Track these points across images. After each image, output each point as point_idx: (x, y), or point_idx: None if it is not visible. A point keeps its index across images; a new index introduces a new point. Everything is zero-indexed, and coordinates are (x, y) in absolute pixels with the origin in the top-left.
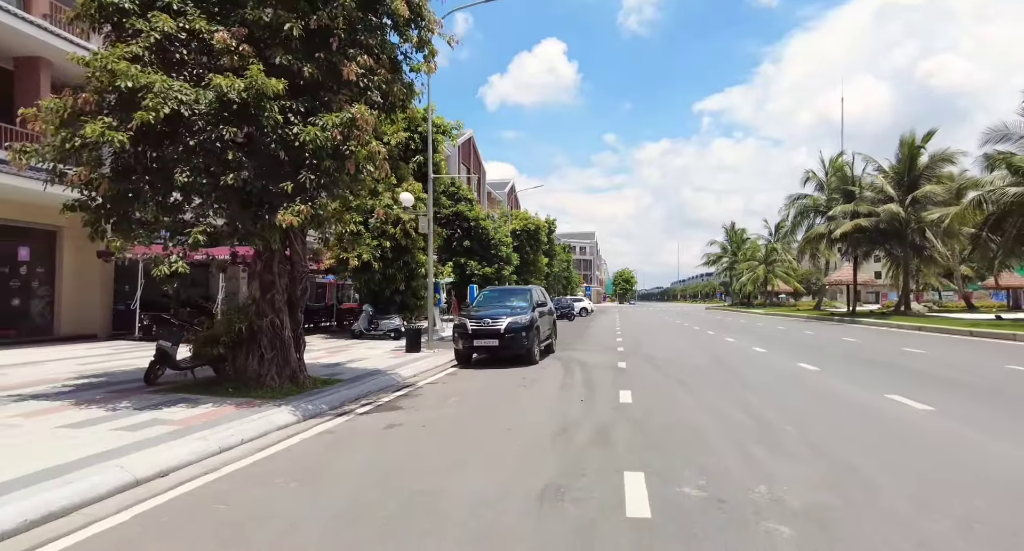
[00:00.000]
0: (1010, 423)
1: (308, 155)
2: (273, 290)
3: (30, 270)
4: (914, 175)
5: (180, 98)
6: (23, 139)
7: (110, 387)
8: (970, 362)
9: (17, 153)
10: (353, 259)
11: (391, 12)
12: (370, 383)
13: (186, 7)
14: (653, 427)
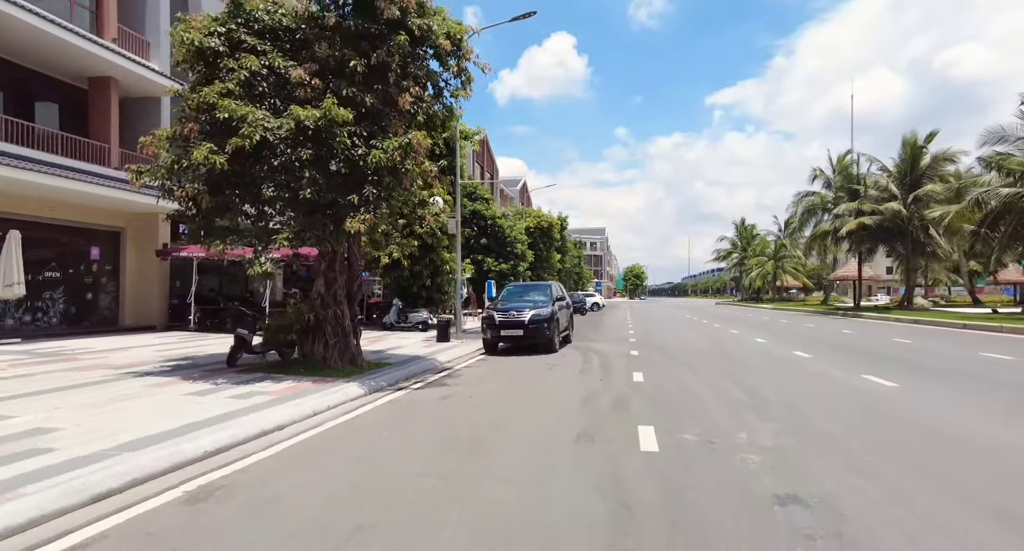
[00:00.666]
0: (956, 396)
1: (370, 172)
2: (335, 286)
3: (100, 268)
4: (916, 174)
5: (267, 126)
6: (96, 151)
7: (201, 368)
8: (948, 350)
9: (134, 172)
10: (384, 257)
11: (435, 46)
12: (415, 366)
13: (265, 47)
14: (661, 398)
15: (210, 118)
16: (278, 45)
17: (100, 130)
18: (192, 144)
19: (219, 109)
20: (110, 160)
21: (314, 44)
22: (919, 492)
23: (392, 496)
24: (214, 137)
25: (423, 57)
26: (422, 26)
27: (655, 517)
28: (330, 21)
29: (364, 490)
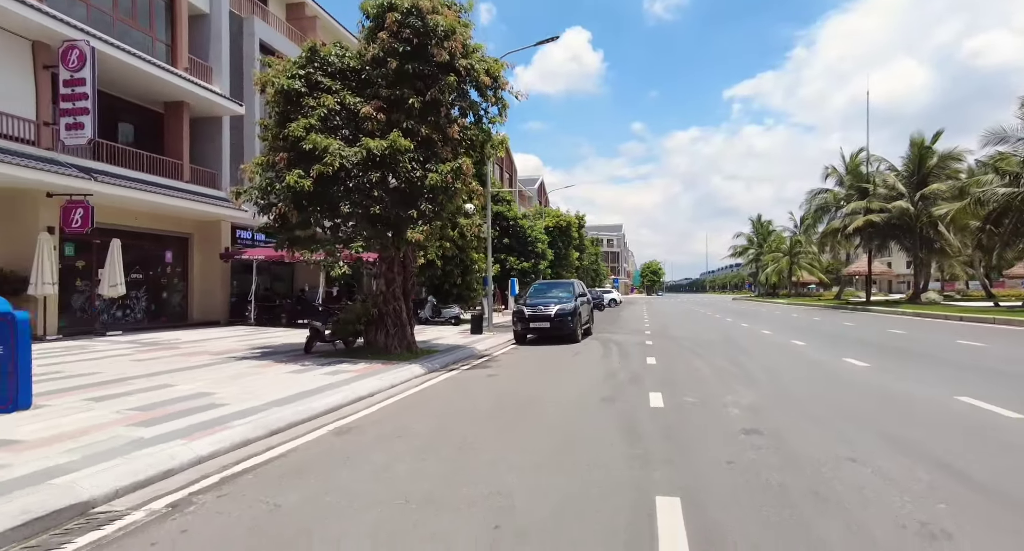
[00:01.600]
0: (917, 373)
1: (426, 191)
2: (394, 285)
3: (172, 270)
4: (923, 173)
5: (343, 155)
6: (170, 167)
7: (284, 354)
8: (930, 339)
9: (234, 193)
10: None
11: (477, 81)
12: (459, 353)
13: (337, 86)
14: (669, 374)
15: (296, 148)
16: (347, 84)
17: (174, 148)
18: (281, 170)
19: (306, 141)
20: (183, 174)
21: (378, 83)
22: (840, 427)
23: (476, 430)
24: (300, 164)
25: (467, 92)
26: (467, 65)
27: (655, 438)
28: (392, 65)
29: (454, 427)
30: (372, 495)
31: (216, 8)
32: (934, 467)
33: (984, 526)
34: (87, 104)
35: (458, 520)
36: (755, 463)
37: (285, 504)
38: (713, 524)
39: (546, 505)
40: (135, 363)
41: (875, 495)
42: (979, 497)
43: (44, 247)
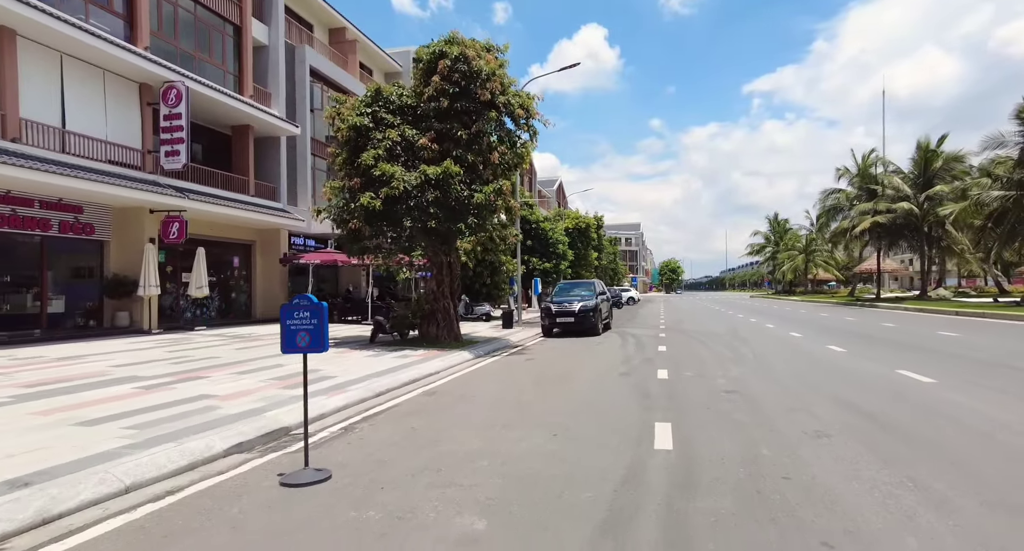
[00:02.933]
0: (880, 355)
1: (472, 208)
2: (443, 285)
3: (238, 273)
4: (929, 175)
5: (406, 179)
6: (238, 183)
7: (353, 343)
8: (915, 330)
9: (314, 211)
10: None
11: (513, 113)
12: (496, 343)
13: (396, 121)
14: (676, 358)
15: (367, 174)
16: (405, 118)
17: (240, 165)
18: (355, 192)
19: (375, 169)
20: (249, 189)
21: (431, 118)
22: (799, 391)
23: (526, 392)
24: (370, 187)
25: (504, 122)
26: (505, 101)
27: (658, 396)
28: (443, 103)
29: (509, 391)
30: (469, 423)
31: (274, 40)
32: (850, 411)
33: (854, 435)
34: (182, 134)
35: (529, 433)
36: (725, 409)
37: (416, 426)
38: (687, 434)
39: (585, 426)
40: (239, 351)
41: (799, 422)
42: (866, 423)
43: (149, 255)
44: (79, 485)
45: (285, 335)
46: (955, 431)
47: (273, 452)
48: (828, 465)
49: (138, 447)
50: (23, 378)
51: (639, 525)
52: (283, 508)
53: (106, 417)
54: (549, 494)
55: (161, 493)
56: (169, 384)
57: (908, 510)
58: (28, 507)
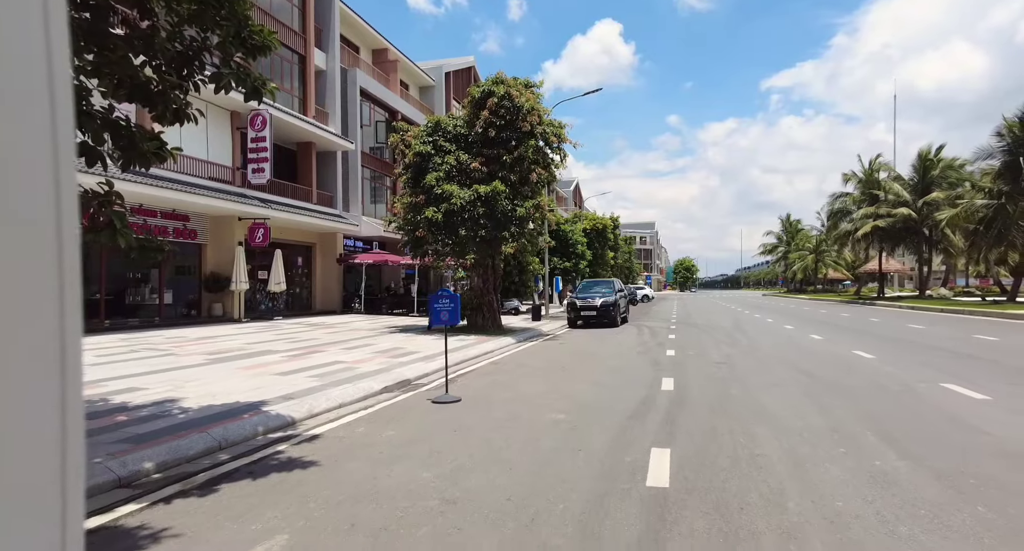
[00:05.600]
0: (848, 341)
1: (515, 219)
2: (488, 283)
3: (301, 271)
4: (927, 181)
5: (462, 196)
6: (303, 193)
7: (414, 330)
8: (893, 324)
9: (388, 220)
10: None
11: (548, 140)
12: (531, 332)
13: (453, 148)
14: (682, 343)
15: (430, 192)
16: (458, 145)
17: (305, 177)
18: (420, 207)
19: (437, 188)
20: (312, 198)
21: (480, 144)
22: (774, 365)
23: (567, 363)
24: (432, 203)
25: (541, 147)
26: (542, 131)
27: (666, 366)
28: (491, 134)
29: (553, 364)
30: (533, 378)
31: (331, 65)
32: (804, 374)
33: (798, 386)
34: (267, 154)
35: (577, 384)
36: (713, 372)
37: (497, 380)
38: (684, 383)
39: (615, 380)
40: (329, 334)
41: (763, 380)
42: (810, 380)
43: (239, 256)
44: (317, 400)
45: (432, 313)
46: (868, 386)
47: (408, 392)
48: (771, 398)
49: (327, 386)
50: (197, 350)
51: (650, 418)
52: (440, 411)
53: (290, 371)
54: (597, 407)
55: (359, 408)
56: (304, 355)
57: (808, 417)
58: (302, 407)
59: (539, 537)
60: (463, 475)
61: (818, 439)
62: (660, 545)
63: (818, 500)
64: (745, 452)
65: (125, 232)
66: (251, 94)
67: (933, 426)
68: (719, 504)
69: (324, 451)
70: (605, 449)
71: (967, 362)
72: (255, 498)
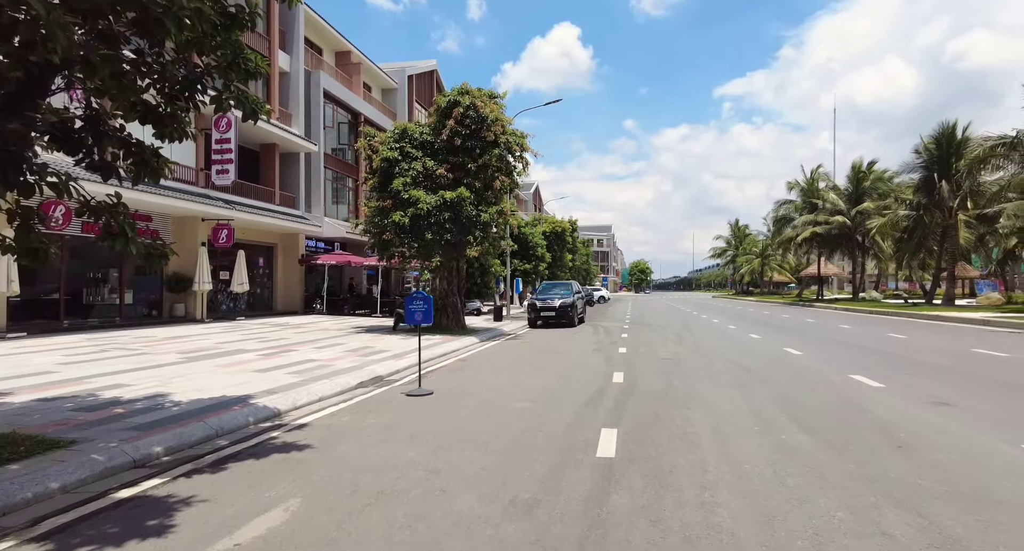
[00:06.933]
0: (783, 339)
1: (479, 224)
2: (453, 285)
3: (262, 271)
4: (860, 191)
5: (428, 202)
6: (266, 194)
7: (380, 330)
8: (825, 324)
9: (355, 223)
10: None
11: (511, 149)
12: (493, 332)
13: (419, 154)
14: (634, 341)
15: (397, 197)
16: (424, 151)
17: (267, 178)
18: (388, 211)
19: (404, 193)
20: (275, 199)
21: (446, 152)
22: (713, 360)
23: (531, 360)
24: (400, 207)
25: (504, 156)
26: (506, 140)
27: (618, 362)
28: (457, 142)
29: (519, 360)
30: (501, 374)
31: (295, 67)
32: (739, 367)
33: (731, 377)
34: (231, 156)
35: (541, 378)
36: (660, 367)
37: (467, 375)
38: (633, 376)
39: (574, 374)
40: (297, 334)
41: (703, 372)
42: (743, 372)
43: (202, 257)
44: (299, 394)
45: (408, 313)
46: (790, 378)
47: (382, 387)
48: (707, 388)
49: (306, 382)
50: (170, 349)
51: (602, 405)
52: (416, 402)
53: (268, 368)
54: (557, 397)
55: (339, 401)
56: (277, 353)
57: (736, 402)
58: (286, 400)
59: (510, 493)
60: (443, 453)
61: (740, 420)
62: (606, 496)
63: (732, 465)
64: (679, 431)
65: (135, 240)
66: (249, 115)
67: (833, 408)
68: (655, 469)
69: (315, 436)
70: (563, 430)
71: (876, 357)
72: (263, 474)
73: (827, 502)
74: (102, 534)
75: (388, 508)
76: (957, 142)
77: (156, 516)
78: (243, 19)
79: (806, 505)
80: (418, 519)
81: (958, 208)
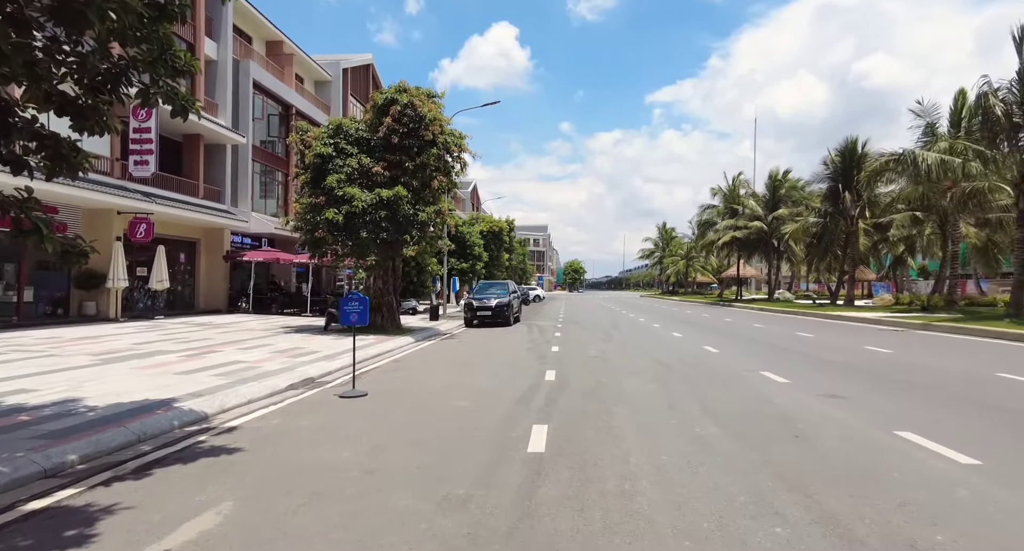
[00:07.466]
0: (702, 337)
1: (417, 224)
2: (389, 284)
3: (184, 268)
4: (776, 199)
5: (364, 199)
6: (189, 187)
7: (311, 330)
8: (741, 324)
9: (285, 221)
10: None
11: (449, 149)
12: (429, 332)
13: (355, 151)
14: (566, 339)
15: (331, 194)
16: (360, 148)
17: (191, 170)
18: (321, 208)
19: (338, 190)
20: (199, 192)
21: (383, 149)
22: (638, 356)
23: (467, 359)
24: (334, 204)
25: (442, 155)
26: (444, 140)
27: (551, 360)
28: (394, 140)
29: (455, 359)
30: (437, 374)
31: (223, 55)
32: (660, 364)
33: (652, 374)
34: (151, 146)
35: (475, 376)
36: (589, 364)
37: (402, 376)
38: (564, 373)
39: (508, 373)
40: (221, 334)
41: (628, 370)
42: (663, 369)
43: (117, 252)
44: (227, 397)
45: (343, 314)
46: (706, 374)
47: (314, 389)
48: (632, 384)
49: (234, 384)
50: (81, 350)
51: (534, 402)
52: (350, 404)
53: (192, 370)
54: (492, 395)
55: (269, 403)
56: (200, 355)
57: (657, 398)
58: (213, 403)
59: (444, 489)
60: (378, 453)
61: (660, 414)
62: (535, 488)
63: (651, 456)
64: (605, 425)
65: (51, 238)
66: (179, 112)
67: (743, 402)
68: (581, 461)
69: (246, 439)
70: (497, 427)
71: (784, 354)
72: (192, 478)
73: (731, 488)
74: (12, 547)
75: (323, 507)
76: (858, 156)
77: (75, 526)
78: (172, 10)
79: (713, 491)
80: (354, 517)
81: (858, 217)
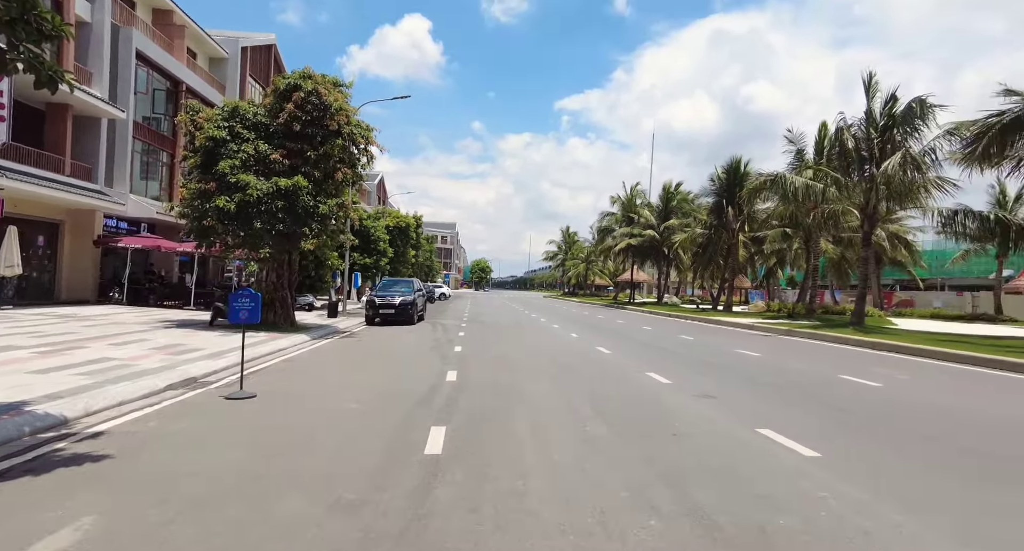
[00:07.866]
0: (593, 337)
1: (318, 217)
2: (283, 278)
3: (43, 252)
4: (669, 210)
5: (259, 188)
6: (53, 162)
7: (195, 325)
8: (632, 326)
9: (170, 206)
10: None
11: (355, 141)
12: (326, 329)
13: (252, 136)
14: (470, 339)
15: (223, 181)
16: (258, 133)
17: (56, 144)
18: (210, 195)
19: (231, 177)
20: (64, 169)
21: (283, 136)
22: (535, 355)
23: (363, 360)
24: (225, 192)
25: (348, 147)
26: (350, 131)
27: (453, 360)
28: (296, 127)
29: (350, 359)
30: (332, 373)
31: (98, 18)
32: (556, 364)
33: (549, 373)
34: (3, 113)
35: (375, 377)
36: (490, 364)
37: (289, 374)
38: (465, 373)
39: (409, 372)
40: (88, 328)
41: (527, 369)
42: (559, 369)
43: None
44: (93, 398)
45: (232, 311)
46: (598, 374)
47: (196, 390)
48: (529, 384)
49: (102, 384)
50: None
51: (434, 403)
52: (236, 406)
53: (49, 369)
54: (390, 396)
55: (144, 405)
56: (61, 351)
57: (552, 397)
58: (75, 406)
59: (335, 494)
60: (266, 458)
61: (555, 414)
62: (430, 490)
63: (543, 455)
64: (502, 425)
65: None
66: (46, 83)
67: (629, 401)
68: (477, 462)
69: (115, 445)
70: (394, 429)
71: (668, 356)
72: (43, 491)
73: (614, 484)
74: None
75: (204, 516)
76: (741, 175)
77: None
78: None
79: (598, 487)
80: (238, 524)
81: (739, 230)
